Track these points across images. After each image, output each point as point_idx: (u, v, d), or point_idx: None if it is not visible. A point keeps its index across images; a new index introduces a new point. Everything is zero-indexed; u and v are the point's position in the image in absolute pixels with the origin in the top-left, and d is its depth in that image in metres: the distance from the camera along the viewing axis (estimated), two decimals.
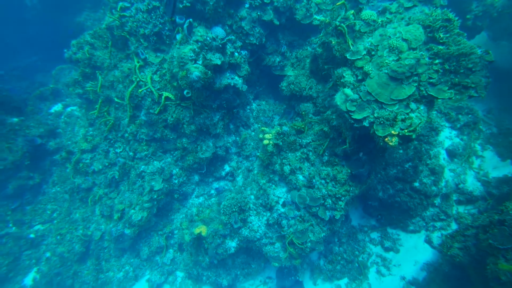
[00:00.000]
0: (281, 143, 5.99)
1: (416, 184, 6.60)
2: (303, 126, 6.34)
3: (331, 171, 5.60)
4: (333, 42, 5.24)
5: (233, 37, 6.33)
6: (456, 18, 4.23)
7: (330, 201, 5.59)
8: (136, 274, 7.17)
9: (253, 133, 7.36)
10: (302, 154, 5.96)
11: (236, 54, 6.37)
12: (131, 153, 6.87)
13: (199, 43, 5.82)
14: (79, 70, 7.16)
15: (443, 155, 6.58)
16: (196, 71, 5.62)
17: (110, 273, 7.11)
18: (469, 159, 6.73)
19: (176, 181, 6.84)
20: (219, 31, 6.31)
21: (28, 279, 8.03)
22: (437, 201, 6.81)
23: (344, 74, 4.95)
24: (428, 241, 6.75)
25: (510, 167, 6.55)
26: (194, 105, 6.29)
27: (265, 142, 5.95)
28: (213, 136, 6.84)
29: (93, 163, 7.20)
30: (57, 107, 10.38)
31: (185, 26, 5.91)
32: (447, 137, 6.62)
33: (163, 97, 6.17)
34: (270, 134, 6.02)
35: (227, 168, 7.32)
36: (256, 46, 6.66)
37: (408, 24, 4.44)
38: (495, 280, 3.54)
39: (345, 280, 6.69)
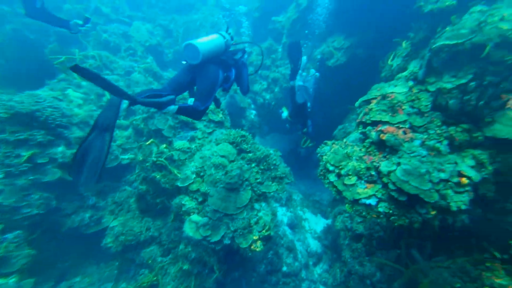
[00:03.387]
0: None
1: (284, 268, 6.85)
2: (154, 278, 4.99)
3: None
4: (157, 177, 4.98)
5: None
6: (247, 134, 5.49)
7: None
8: None
9: None
10: None
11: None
12: None
13: None
14: None
15: (287, 231, 7.54)
16: None
17: None
18: (302, 224, 8.17)
19: None
20: None
21: None
22: (303, 273, 7.34)
23: (183, 202, 4.65)
24: None
25: (322, 219, 8.61)
26: None
27: None
28: None
29: None
30: None
31: None
32: (282, 214, 7.80)
33: None
34: None
35: None
36: (41, 215, 4.80)
37: (218, 144, 5.16)
38: None
39: None
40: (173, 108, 2.36)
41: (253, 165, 4.96)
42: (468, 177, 2.88)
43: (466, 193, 2.86)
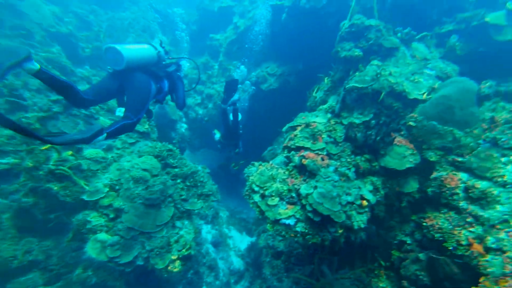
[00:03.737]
0: None
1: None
2: None
3: None
4: (55, 188, 4.14)
5: None
6: (175, 148, 5.21)
7: None
8: None
9: None
10: None
11: None
12: None
13: None
14: None
15: (210, 249, 7.25)
16: None
17: None
18: (226, 242, 8.03)
19: None
20: None
21: None
22: None
23: (89, 219, 3.99)
24: None
25: (247, 237, 8.68)
26: None
27: None
28: None
29: None
30: None
31: None
32: (207, 232, 7.50)
33: None
34: None
35: None
36: None
37: (141, 156, 4.70)
38: None
39: None
40: (101, 137, 2.13)
41: (178, 181, 4.70)
42: (368, 200, 3.41)
43: (365, 213, 3.37)
